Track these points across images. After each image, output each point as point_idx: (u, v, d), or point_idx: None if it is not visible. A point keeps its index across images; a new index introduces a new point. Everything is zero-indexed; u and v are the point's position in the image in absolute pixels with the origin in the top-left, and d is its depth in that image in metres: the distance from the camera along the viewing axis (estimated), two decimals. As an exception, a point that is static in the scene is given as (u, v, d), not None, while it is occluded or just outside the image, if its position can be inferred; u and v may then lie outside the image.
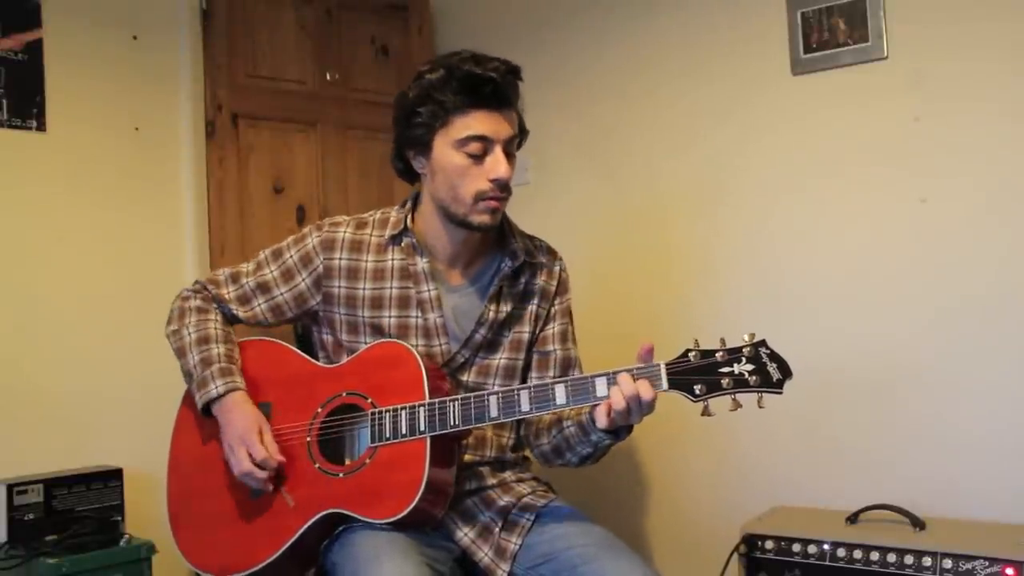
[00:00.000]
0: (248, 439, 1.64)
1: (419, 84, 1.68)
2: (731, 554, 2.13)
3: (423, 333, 1.74)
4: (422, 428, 1.58)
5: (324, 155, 2.90)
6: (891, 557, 1.94)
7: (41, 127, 2.43)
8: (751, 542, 2.10)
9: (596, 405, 1.54)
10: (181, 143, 2.68)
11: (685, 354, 1.53)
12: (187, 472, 1.78)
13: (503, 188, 1.67)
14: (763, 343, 1.52)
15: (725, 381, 1.50)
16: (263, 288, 1.80)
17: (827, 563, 2.00)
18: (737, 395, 1.49)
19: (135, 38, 2.62)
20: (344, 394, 1.67)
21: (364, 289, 1.76)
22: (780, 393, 1.49)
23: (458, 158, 1.65)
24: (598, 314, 2.79)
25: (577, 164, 2.89)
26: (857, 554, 1.97)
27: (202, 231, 2.68)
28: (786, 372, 1.50)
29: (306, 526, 1.62)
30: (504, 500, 1.74)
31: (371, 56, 3.04)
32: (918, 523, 2.04)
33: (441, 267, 1.78)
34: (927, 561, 1.89)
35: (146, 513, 2.44)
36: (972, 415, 2.19)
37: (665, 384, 1.52)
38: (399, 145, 1.76)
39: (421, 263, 1.75)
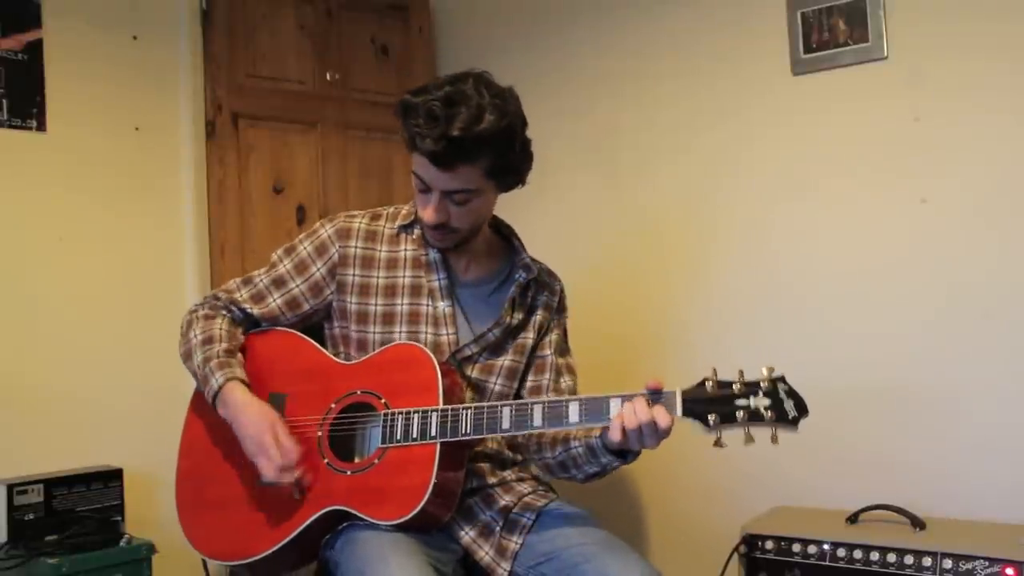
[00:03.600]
0: (264, 444, 1.63)
1: (400, 104, 1.67)
2: (731, 554, 2.12)
3: (432, 321, 1.76)
4: (433, 433, 1.58)
5: (324, 155, 2.90)
6: (891, 557, 1.94)
7: (41, 127, 2.43)
8: (751, 542, 2.10)
9: (607, 425, 1.54)
10: (181, 143, 2.68)
11: (702, 383, 1.52)
12: (198, 457, 1.78)
13: (433, 228, 1.70)
14: (782, 378, 1.50)
15: (740, 414, 1.49)
16: (278, 283, 1.80)
17: (827, 563, 2.00)
18: (751, 428, 1.48)
19: (135, 38, 2.62)
20: (359, 392, 1.67)
21: (378, 278, 1.78)
22: (795, 431, 1.48)
23: (413, 182, 1.71)
24: (597, 313, 2.79)
25: (576, 164, 2.89)
26: (857, 554, 1.97)
27: (202, 231, 2.68)
28: (802, 410, 1.49)
29: (309, 521, 1.62)
30: (505, 500, 1.75)
31: (371, 56, 3.04)
32: (918, 523, 2.04)
33: (451, 259, 1.81)
34: (927, 561, 1.89)
35: (146, 513, 2.44)
36: (972, 415, 2.19)
37: (679, 411, 1.51)
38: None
39: (432, 253, 1.79)
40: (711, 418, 1.49)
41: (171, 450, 1.86)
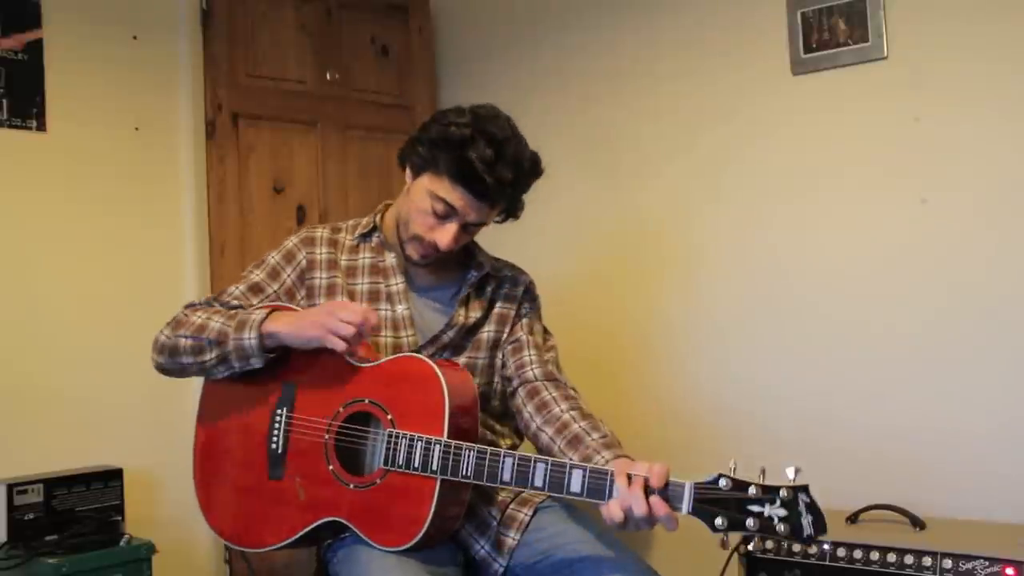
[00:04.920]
0: (335, 311, 1.62)
1: (440, 127, 1.70)
2: (731, 554, 2.12)
3: (391, 325, 1.78)
4: (434, 467, 1.56)
5: (324, 155, 2.90)
6: (891, 557, 1.93)
7: (41, 127, 2.43)
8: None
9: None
10: (181, 143, 2.69)
11: (717, 479, 1.41)
12: (217, 431, 1.77)
13: (436, 249, 1.73)
14: (805, 489, 1.38)
15: (751, 521, 1.37)
16: (254, 289, 1.79)
17: (827, 563, 1.99)
18: (760, 538, 1.37)
19: (135, 38, 2.63)
20: (367, 401, 1.66)
21: (343, 282, 1.80)
22: (809, 549, 1.38)
23: (425, 203, 1.72)
24: (596, 313, 2.80)
25: (576, 164, 2.89)
26: (857, 554, 1.97)
27: (202, 231, 2.68)
28: (820, 528, 1.35)
29: (311, 527, 1.63)
30: (501, 495, 1.75)
31: (371, 56, 3.04)
32: (918, 523, 2.04)
33: (408, 264, 1.83)
34: (927, 561, 1.89)
35: (146, 513, 2.44)
36: (972, 415, 2.19)
37: (686, 508, 1.41)
38: (406, 148, 1.80)
39: (390, 258, 1.82)
40: (719, 520, 1.38)
41: (171, 450, 1.86)
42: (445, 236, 1.71)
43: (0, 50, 2.36)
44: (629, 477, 1.43)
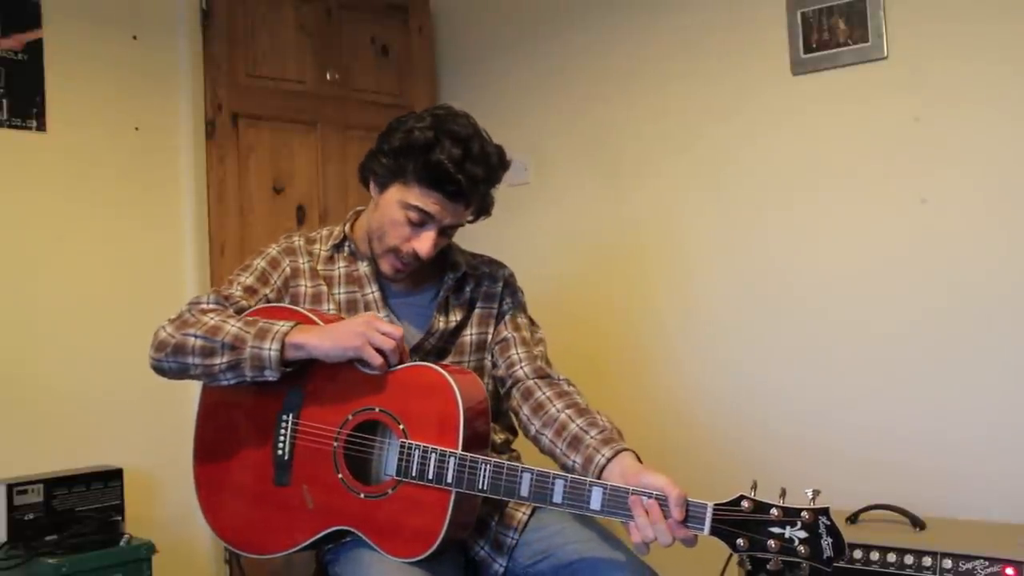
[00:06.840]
0: (373, 322, 1.60)
1: (403, 134, 1.69)
2: (731, 554, 2.12)
3: None
4: (449, 480, 1.54)
5: (324, 155, 2.90)
6: (891, 557, 1.93)
7: (41, 127, 2.43)
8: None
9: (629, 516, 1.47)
10: (181, 143, 2.69)
11: (738, 500, 1.40)
12: (219, 434, 1.74)
13: (416, 259, 1.71)
14: (825, 512, 1.37)
15: (772, 543, 1.37)
16: (249, 291, 1.77)
17: (827, 563, 2.00)
18: (780, 560, 1.38)
19: (135, 38, 2.63)
20: (377, 410, 1.63)
21: (327, 291, 1.80)
22: (828, 572, 1.36)
23: (398, 214, 1.70)
24: (595, 312, 2.80)
25: (577, 164, 2.89)
26: (857, 554, 1.97)
27: (202, 231, 2.68)
28: (839, 551, 1.35)
29: (319, 536, 1.62)
30: (500, 494, 1.75)
31: (371, 56, 3.04)
32: (918, 523, 2.04)
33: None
34: (927, 561, 1.89)
35: (146, 513, 2.44)
36: (972, 415, 2.19)
37: (707, 529, 1.42)
38: (368, 163, 1.79)
39: (362, 267, 1.80)
40: (740, 541, 1.39)
41: (171, 450, 1.86)
42: (424, 244, 1.69)
43: (0, 50, 2.36)
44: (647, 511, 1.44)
